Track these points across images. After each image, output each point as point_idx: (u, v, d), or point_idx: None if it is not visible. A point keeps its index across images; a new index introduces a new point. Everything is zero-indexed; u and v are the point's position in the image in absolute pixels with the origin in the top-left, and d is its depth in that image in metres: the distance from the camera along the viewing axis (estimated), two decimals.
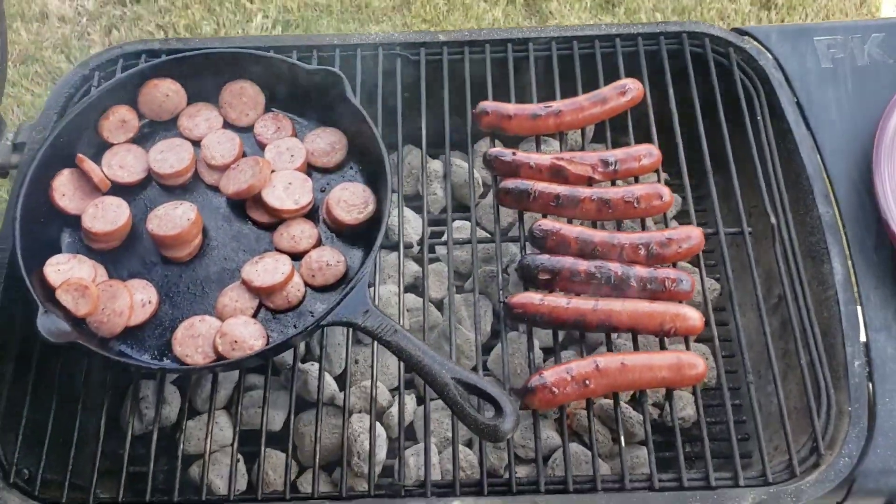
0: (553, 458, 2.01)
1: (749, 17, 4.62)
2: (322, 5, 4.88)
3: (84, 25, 4.87)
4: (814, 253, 1.99)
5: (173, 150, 2.04)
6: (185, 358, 1.81)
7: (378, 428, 2.02)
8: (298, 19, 4.87)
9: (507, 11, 4.73)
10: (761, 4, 4.90)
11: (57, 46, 4.77)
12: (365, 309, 1.74)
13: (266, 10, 4.90)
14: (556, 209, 1.95)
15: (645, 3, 4.68)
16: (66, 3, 4.99)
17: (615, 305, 1.80)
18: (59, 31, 4.80)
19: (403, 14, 4.85)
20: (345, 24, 4.80)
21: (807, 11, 4.72)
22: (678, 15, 4.57)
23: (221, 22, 4.83)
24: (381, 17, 4.78)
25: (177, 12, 4.83)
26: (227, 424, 2.10)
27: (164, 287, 1.92)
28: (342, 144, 2.07)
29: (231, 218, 2.01)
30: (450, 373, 1.64)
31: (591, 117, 2.09)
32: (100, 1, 4.95)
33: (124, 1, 4.91)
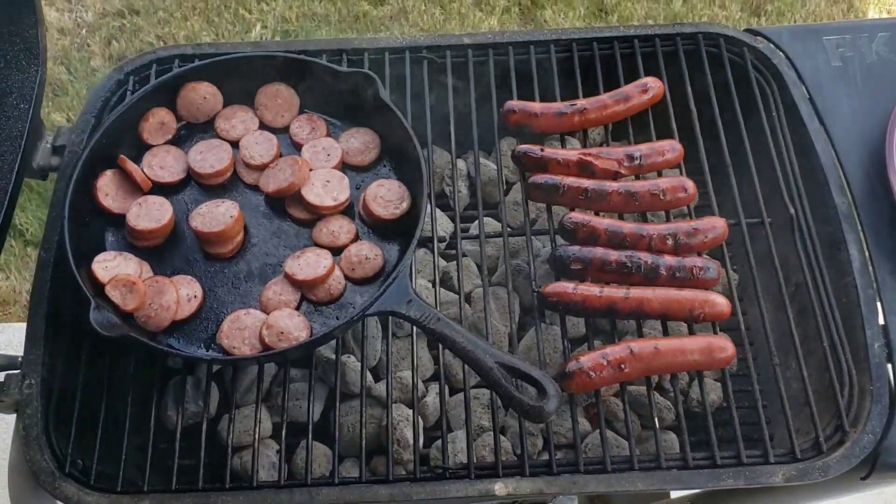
0: (586, 443, 2.08)
1: (740, 24, 4.74)
2: (320, 15, 4.96)
3: (84, 37, 4.93)
4: (831, 241, 2.08)
5: (212, 151, 2.10)
6: (233, 350, 1.87)
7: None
8: (297, 29, 4.95)
9: (502, 20, 4.83)
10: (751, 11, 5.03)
11: (57, 58, 4.82)
12: (408, 299, 1.81)
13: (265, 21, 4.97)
14: (584, 202, 2.03)
15: (637, 11, 4.80)
16: (66, 15, 5.05)
17: (646, 293, 1.88)
18: (59, 43, 4.86)
19: (400, 23, 4.94)
20: (343, 34, 4.89)
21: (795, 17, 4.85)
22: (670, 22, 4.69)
23: (220, 33, 4.90)
24: (379, 27, 4.87)
25: (176, 23, 4.90)
26: (265, 417, 2.17)
27: (209, 282, 1.99)
28: (375, 143, 2.15)
29: (270, 215, 2.08)
30: (493, 357, 1.71)
31: (614, 114, 2.17)
32: (99, 12, 5.01)
33: (123, 12, 4.97)
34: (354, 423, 2.14)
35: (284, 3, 4.99)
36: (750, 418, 1.98)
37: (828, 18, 4.78)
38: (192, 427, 2.15)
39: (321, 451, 2.13)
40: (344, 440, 2.14)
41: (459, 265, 2.07)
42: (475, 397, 2.18)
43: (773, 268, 2.03)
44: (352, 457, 2.15)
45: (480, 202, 2.16)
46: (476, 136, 2.23)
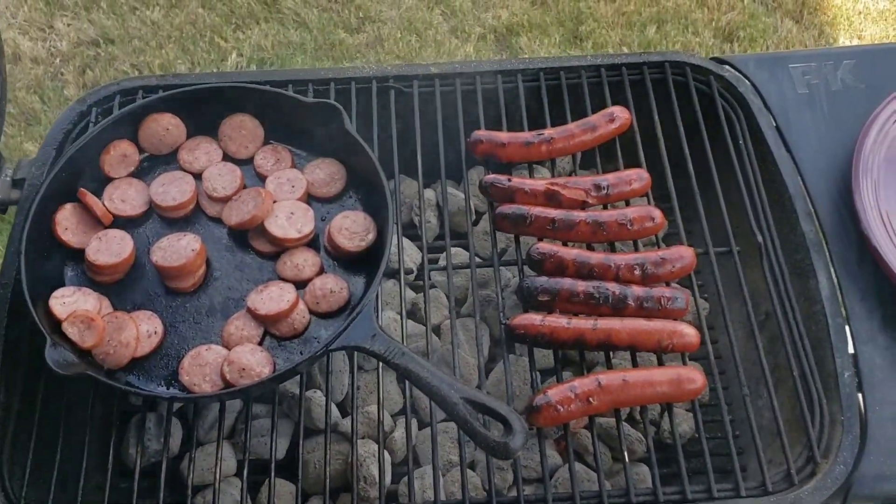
0: (556, 478, 2.04)
1: (712, 50, 4.78)
2: (296, 44, 4.94)
3: (58, 66, 4.88)
4: (799, 270, 2.07)
5: (175, 183, 2.07)
6: (193, 387, 1.83)
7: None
8: (273, 57, 4.92)
9: (478, 47, 4.84)
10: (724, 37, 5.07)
11: (30, 87, 4.77)
12: (373, 333, 1.78)
13: (240, 49, 4.94)
14: (552, 232, 2.01)
15: (612, 38, 4.82)
16: (39, 44, 5.00)
17: (615, 324, 1.86)
18: (32, 73, 4.80)
19: (377, 50, 4.93)
20: (319, 62, 4.87)
21: (767, 44, 4.89)
22: (644, 48, 4.72)
23: (196, 61, 4.87)
24: (355, 55, 4.86)
25: (151, 52, 4.86)
26: (229, 454, 2.12)
27: (170, 318, 1.94)
28: (341, 175, 2.12)
29: (234, 248, 2.04)
30: (458, 392, 1.68)
31: (581, 144, 2.16)
32: (73, 41, 4.97)
33: (98, 41, 4.93)
34: (320, 460, 2.09)
35: (260, 31, 4.97)
36: (722, 449, 1.95)
37: (799, 44, 4.82)
38: (153, 466, 2.10)
39: (286, 489, 2.08)
40: (309, 478, 2.09)
41: (427, 297, 2.04)
42: (444, 431, 2.14)
43: (742, 296, 2.02)
44: (317, 494, 2.10)
45: (448, 233, 2.14)
46: (443, 166, 2.21)
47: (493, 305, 2.28)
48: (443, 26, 4.87)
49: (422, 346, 2.23)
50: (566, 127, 2.16)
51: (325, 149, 2.15)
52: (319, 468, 2.09)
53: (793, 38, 4.90)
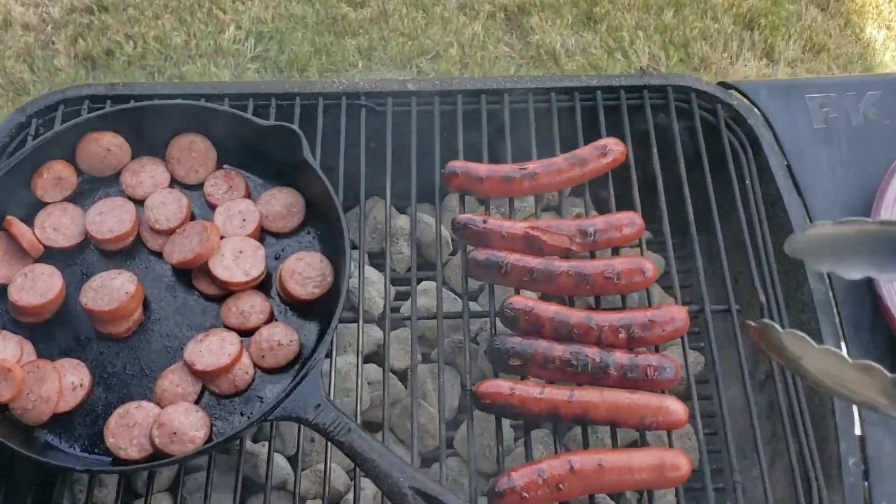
0: None
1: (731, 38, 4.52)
2: (297, 17, 4.70)
3: (49, 34, 4.65)
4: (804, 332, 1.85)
5: (113, 212, 1.86)
6: (119, 451, 1.63)
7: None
8: (272, 31, 4.68)
9: (487, 26, 4.59)
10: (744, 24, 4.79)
11: (20, 56, 4.55)
12: (317, 403, 1.58)
13: (239, 21, 4.71)
14: (529, 284, 1.80)
15: (627, 21, 4.56)
16: (31, 10, 4.77)
17: (592, 397, 1.65)
18: (23, 40, 4.58)
19: (381, 27, 4.68)
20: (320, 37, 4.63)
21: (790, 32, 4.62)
22: (660, 33, 4.46)
23: (192, 32, 4.63)
24: (358, 30, 4.62)
25: (146, 22, 4.63)
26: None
27: (99, 367, 1.75)
28: (299, 207, 1.91)
29: (176, 288, 1.84)
30: (409, 481, 1.48)
31: (568, 180, 1.94)
32: (66, 8, 4.74)
33: (92, 9, 4.70)
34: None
35: (261, 2, 4.73)
36: None
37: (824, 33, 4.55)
38: None
39: None
40: None
41: (387, 350, 1.83)
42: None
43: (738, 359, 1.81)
44: None
45: (414, 270, 1.92)
46: (414, 196, 2.00)
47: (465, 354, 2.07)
48: (451, 2, 4.63)
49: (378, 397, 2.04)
50: (553, 161, 1.94)
51: (284, 177, 1.94)
52: None
53: (817, 26, 4.62)
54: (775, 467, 1.90)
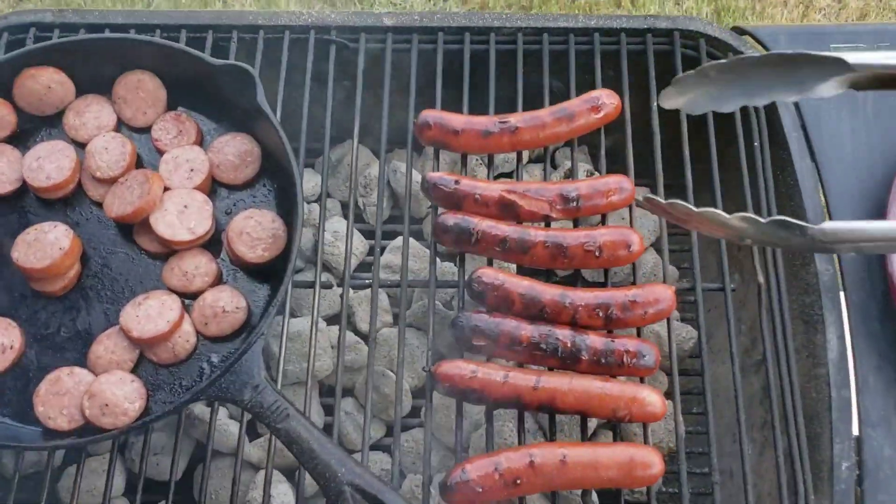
0: None
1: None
2: None
3: None
4: (806, 317, 1.68)
5: (52, 157, 1.70)
6: (48, 421, 1.52)
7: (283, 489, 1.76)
8: None
9: None
10: None
11: None
12: (255, 383, 1.44)
13: None
14: (502, 254, 1.63)
15: None
16: None
17: (561, 384, 1.50)
18: None
19: None
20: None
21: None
22: None
23: None
24: None
25: None
26: (119, 472, 1.84)
27: (33, 328, 1.62)
28: (254, 156, 1.73)
29: (119, 242, 1.69)
30: (349, 475, 1.35)
31: (553, 136, 1.74)
32: None
33: None
34: (218, 489, 1.81)
35: None
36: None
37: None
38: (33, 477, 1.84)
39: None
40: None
41: (343, 317, 1.68)
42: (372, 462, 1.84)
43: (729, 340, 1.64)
44: None
45: (379, 234, 1.75)
46: (384, 144, 1.81)
47: (439, 317, 1.92)
48: None
49: (350, 361, 1.91)
50: (537, 114, 1.73)
51: (239, 121, 1.76)
52: (217, 499, 1.81)
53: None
54: (764, 455, 1.76)
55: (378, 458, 1.85)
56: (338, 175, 2.16)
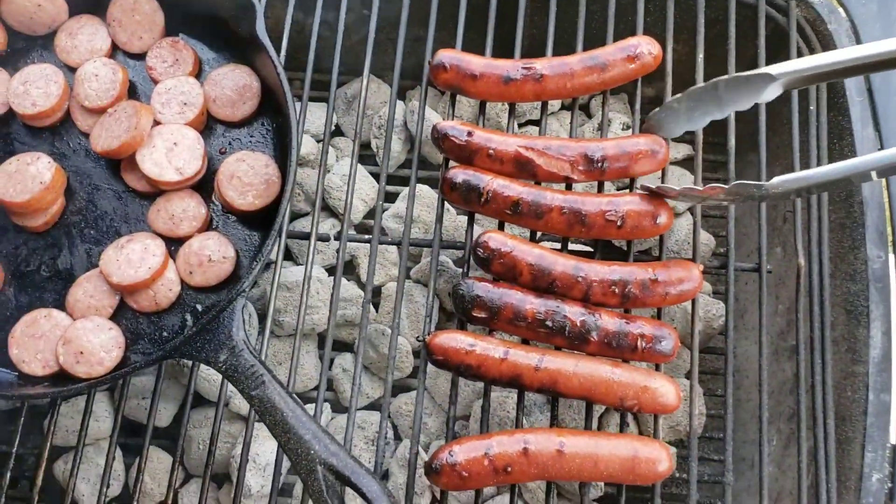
0: None
1: None
2: None
3: None
4: (850, 306, 1.51)
5: (40, 82, 1.59)
6: (22, 365, 1.45)
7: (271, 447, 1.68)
8: None
9: None
10: None
11: None
12: (232, 345, 1.34)
13: None
14: (513, 218, 1.47)
15: None
16: None
17: (565, 365, 1.37)
18: None
19: None
20: None
21: None
22: None
23: None
24: None
25: None
26: (106, 413, 1.78)
27: (13, 263, 1.54)
28: (253, 91, 1.59)
29: (106, 178, 1.59)
30: (322, 453, 1.25)
31: (582, 87, 1.56)
32: None
33: None
34: (206, 440, 1.74)
35: None
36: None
37: None
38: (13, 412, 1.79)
39: (165, 466, 1.75)
40: (192, 456, 1.75)
41: (337, 276, 1.55)
42: (360, 426, 1.74)
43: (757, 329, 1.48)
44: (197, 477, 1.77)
45: (382, 191, 1.61)
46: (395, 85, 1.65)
47: (447, 276, 1.79)
48: None
49: (350, 315, 1.80)
50: (565, 61, 1.55)
51: (239, 53, 1.62)
52: (204, 449, 1.74)
53: None
54: (790, 450, 1.62)
55: (374, 418, 1.76)
56: (352, 112, 2.01)
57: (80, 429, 1.50)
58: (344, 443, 1.40)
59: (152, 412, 1.51)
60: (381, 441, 1.43)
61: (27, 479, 1.83)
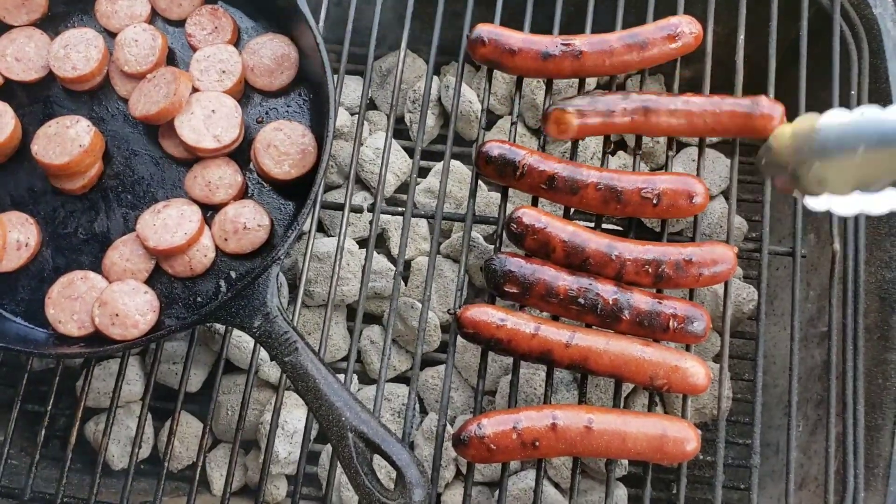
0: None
1: None
2: None
3: None
4: (884, 293, 1.50)
5: (80, 46, 1.60)
6: (58, 325, 1.47)
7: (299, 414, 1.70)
8: None
9: None
10: None
11: None
12: (266, 311, 1.35)
13: None
14: (548, 193, 1.47)
15: None
16: None
17: (596, 343, 1.37)
18: None
19: None
20: None
21: None
22: None
23: None
24: None
25: None
26: (136, 377, 1.80)
27: (50, 225, 1.56)
28: (291, 61, 1.60)
29: (143, 143, 1.60)
30: (353, 420, 1.26)
31: (621, 65, 1.55)
32: None
33: None
34: (234, 406, 1.76)
35: None
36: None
37: None
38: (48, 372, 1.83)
39: (194, 430, 1.77)
40: (220, 422, 1.77)
41: (370, 248, 1.56)
42: (387, 398, 1.76)
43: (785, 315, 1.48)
44: (229, 442, 1.79)
45: (413, 182, 1.60)
46: (432, 59, 1.65)
47: (477, 251, 1.79)
48: None
49: (380, 287, 1.81)
50: (604, 38, 1.54)
51: (277, 22, 1.62)
52: (232, 415, 1.76)
53: None
54: (817, 436, 1.61)
55: (401, 390, 1.77)
56: (386, 86, 2.01)
57: (113, 391, 1.53)
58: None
59: (184, 377, 1.53)
60: (410, 413, 1.44)
61: (57, 439, 1.86)
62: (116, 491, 1.69)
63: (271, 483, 1.71)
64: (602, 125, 1.50)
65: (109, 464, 1.74)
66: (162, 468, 1.47)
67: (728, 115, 1.46)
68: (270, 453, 1.45)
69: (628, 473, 1.72)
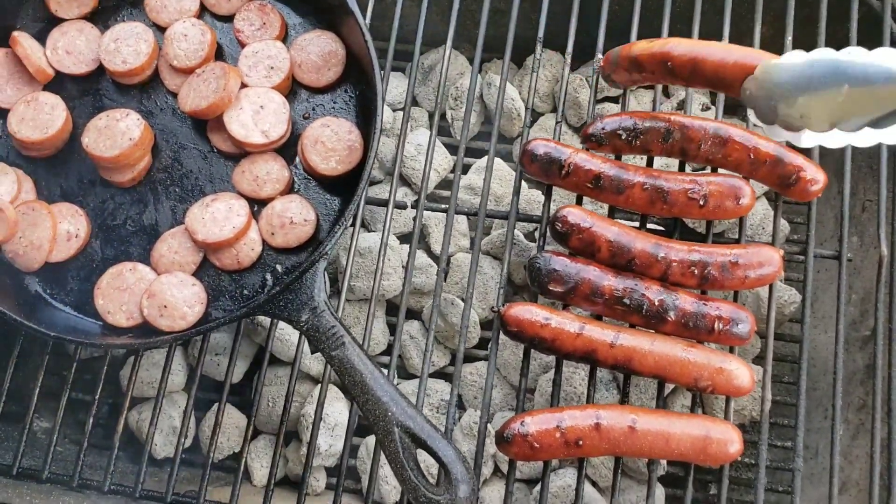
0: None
1: None
2: None
3: None
4: None
5: (130, 40, 1.62)
6: (107, 315, 1.50)
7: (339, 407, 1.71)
8: None
9: None
10: None
11: None
12: (314, 305, 1.36)
13: None
14: (594, 192, 1.47)
15: None
16: None
17: (641, 344, 1.37)
18: None
19: None
20: None
21: None
22: None
23: None
24: None
25: None
26: (179, 367, 1.83)
27: (100, 217, 1.58)
28: (338, 58, 1.61)
29: (192, 138, 1.62)
30: (399, 415, 1.28)
31: None
32: None
33: None
34: (277, 398, 1.78)
35: None
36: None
37: None
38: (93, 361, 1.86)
39: (237, 422, 1.79)
40: (262, 414, 1.79)
41: (413, 244, 1.57)
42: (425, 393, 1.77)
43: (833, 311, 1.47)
44: (269, 434, 1.81)
45: (457, 179, 1.61)
46: (478, 56, 1.65)
47: (518, 249, 1.80)
48: None
49: (420, 283, 1.82)
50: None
51: (325, 18, 1.64)
52: (272, 407, 1.78)
53: None
54: (858, 441, 1.61)
55: (439, 386, 1.78)
56: (428, 83, 2.01)
57: (159, 381, 1.56)
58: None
59: (230, 368, 1.55)
60: (452, 409, 1.45)
61: (101, 427, 1.88)
62: (158, 479, 1.73)
63: (311, 475, 1.73)
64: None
65: (152, 452, 1.76)
66: (201, 458, 1.49)
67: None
68: (314, 446, 1.47)
69: (666, 473, 1.72)
